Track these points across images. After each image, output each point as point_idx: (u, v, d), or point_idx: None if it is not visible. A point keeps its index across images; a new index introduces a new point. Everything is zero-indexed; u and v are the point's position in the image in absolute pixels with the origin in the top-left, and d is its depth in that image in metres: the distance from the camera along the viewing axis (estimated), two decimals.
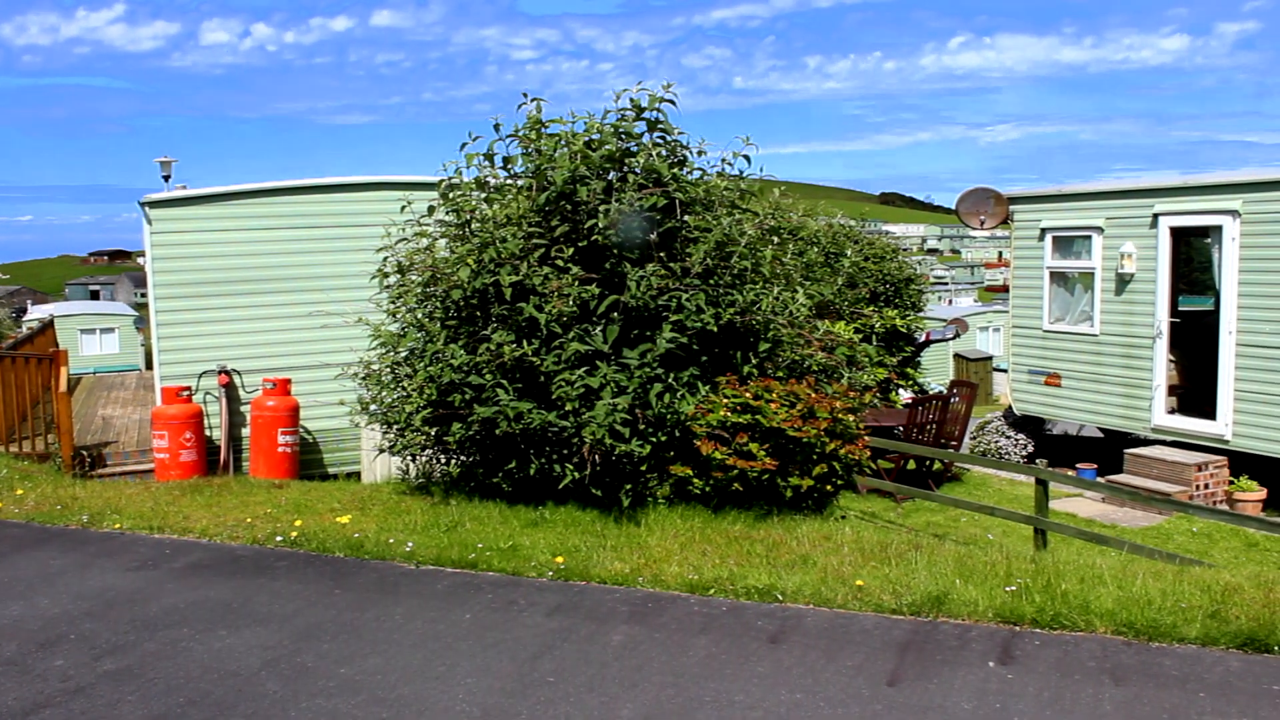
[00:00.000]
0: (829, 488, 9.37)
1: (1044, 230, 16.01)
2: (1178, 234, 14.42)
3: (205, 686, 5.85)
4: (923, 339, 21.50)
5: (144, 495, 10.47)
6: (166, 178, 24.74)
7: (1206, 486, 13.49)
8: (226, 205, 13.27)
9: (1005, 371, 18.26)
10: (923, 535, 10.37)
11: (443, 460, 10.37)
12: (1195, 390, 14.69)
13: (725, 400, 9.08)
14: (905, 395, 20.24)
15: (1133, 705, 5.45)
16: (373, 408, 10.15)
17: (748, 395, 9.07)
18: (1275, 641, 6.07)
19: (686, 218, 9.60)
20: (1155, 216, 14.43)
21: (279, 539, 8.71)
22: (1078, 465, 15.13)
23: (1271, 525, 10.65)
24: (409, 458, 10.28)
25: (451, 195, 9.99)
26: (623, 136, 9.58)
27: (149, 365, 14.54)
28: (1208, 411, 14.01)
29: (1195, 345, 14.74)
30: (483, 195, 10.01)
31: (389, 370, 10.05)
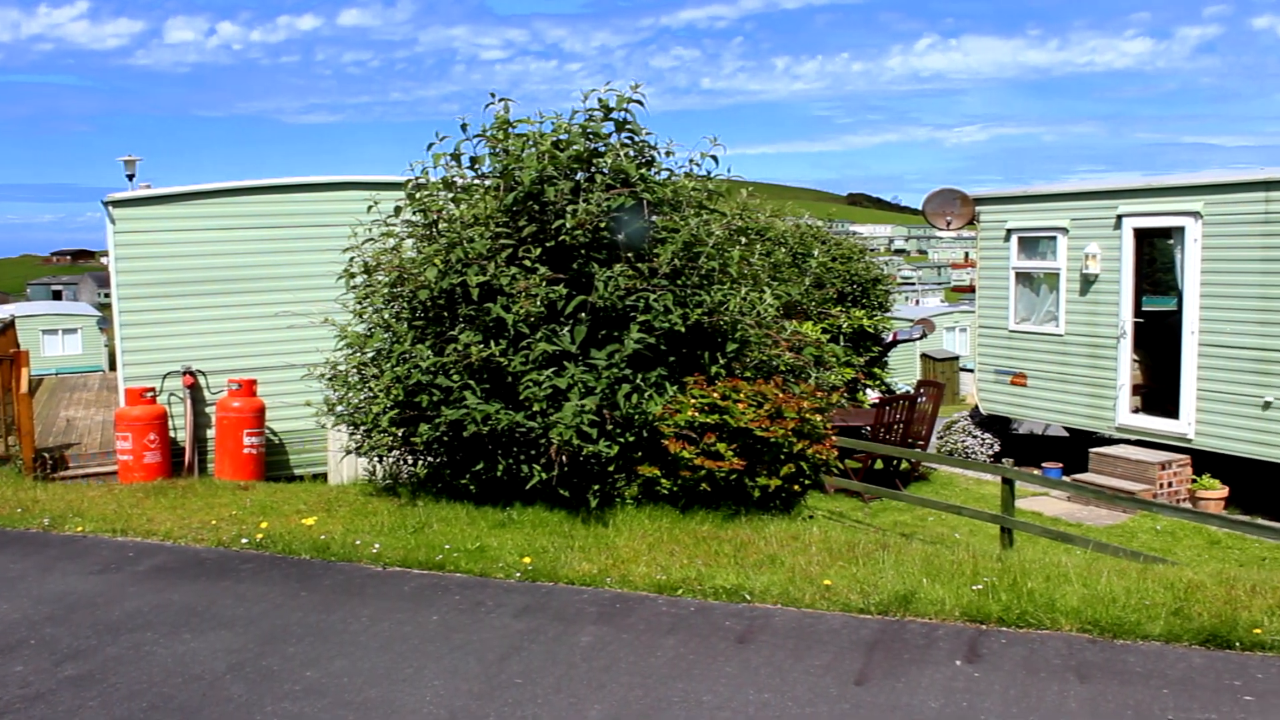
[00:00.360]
0: (796, 487, 9.39)
1: (1009, 231, 16.11)
2: (1141, 235, 14.54)
3: (169, 691, 5.79)
4: (890, 339, 21.58)
5: (107, 498, 10.37)
6: (130, 177, 24.53)
7: (1170, 485, 13.61)
8: (191, 205, 13.15)
9: (972, 371, 18.37)
10: (890, 535, 10.40)
11: (410, 461, 10.32)
12: (1159, 390, 14.81)
13: (693, 400, 9.08)
14: (873, 395, 20.32)
15: (1097, 702, 5.49)
16: (339, 409, 10.09)
17: (715, 395, 9.08)
18: (1237, 638, 6.13)
19: (654, 218, 9.60)
20: (1119, 218, 14.54)
21: (244, 541, 8.65)
22: (1044, 464, 15.22)
23: (1233, 523, 10.76)
24: (376, 459, 10.22)
25: (418, 195, 9.95)
26: (590, 137, 9.57)
27: (112, 366, 14.42)
28: (1171, 411, 14.13)
29: (1159, 345, 14.87)
30: (450, 195, 9.97)
31: (356, 371, 9.99)
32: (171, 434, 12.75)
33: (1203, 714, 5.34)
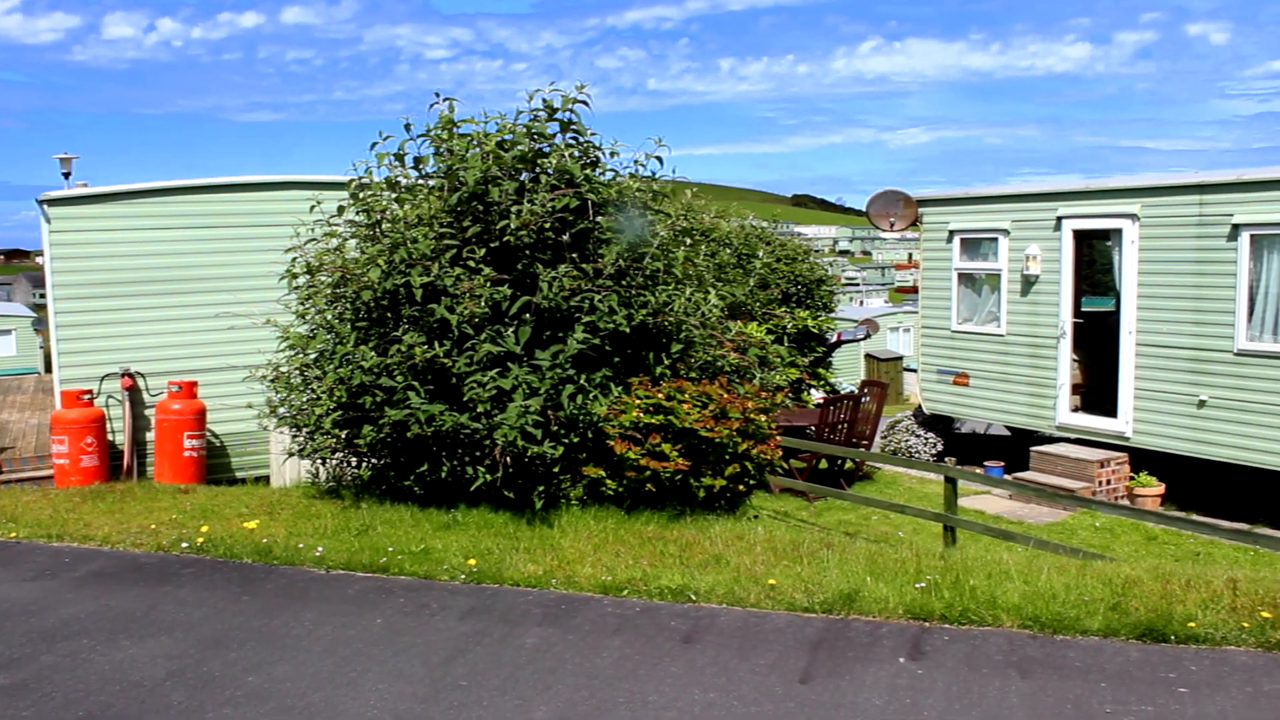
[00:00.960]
0: (741, 487, 9.42)
1: (952, 232, 16.28)
2: (1080, 236, 14.76)
3: (106, 699, 5.70)
4: (834, 339, 21.72)
5: (42, 503, 10.18)
6: (67, 175, 24.10)
7: (1109, 482, 13.82)
8: (130, 204, 12.96)
9: (915, 371, 18.53)
10: (835, 534, 10.48)
11: (354, 463, 10.24)
12: (1098, 389, 15.04)
13: (638, 401, 9.09)
14: (817, 395, 20.42)
15: (1038, 697, 5.56)
16: (281, 410, 9.99)
17: (660, 396, 9.09)
18: (1172, 631, 6.24)
19: (599, 219, 9.60)
20: (1059, 219, 14.75)
21: (185, 545, 8.53)
22: (986, 463, 15.39)
23: (1169, 519, 10.95)
24: (319, 461, 10.13)
25: (362, 195, 9.87)
26: (535, 137, 9.55)
27: (48, 368, 14.14)
28: (1109, 409, 14.36)
29: (1098, 345, 15.10)
30: (394, 195, 9.90)
31: (298, 372, 9.90)
32: (110, 437, 12.56)
33: (1139, 706, 5.43)
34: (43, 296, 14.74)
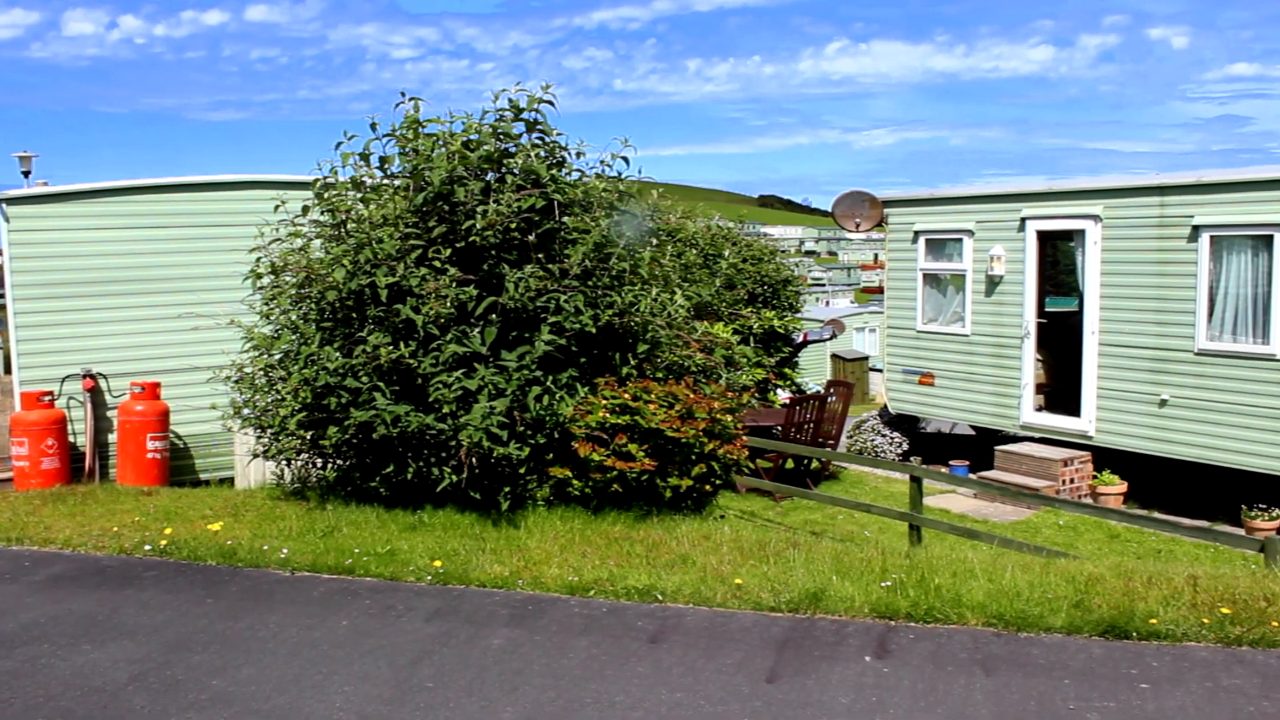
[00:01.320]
0: (708, 487, 9.43)
1: (917, 233, 16.37)
2: (1044, 237, 14.88)
3: (67, 704, 5.64)
4: (800, 340, 21.79)
5: (1, 505, 10.06)
6: (26, 173, 23.87)
7: (1072, 481, 13.94)
8: (92, 203, 12.82)
9: (881, 371, 18.61)
10: (801, 533, 10.52)
11: (319, 464, 10.19)
12: (1061, 388, 15.17)
13: (604, 402, 9.08)
14: (783, 395, 20.48)
15: (1002, 694, 5.60)
16: (246, 411, 9.92)
17: (626, 396, 9.09)
18: (1134, 628, 6.30)
19: (565, 219, 9.59)
20: (1023, 220, 14.86)
21: (148, 548, 8.46)
22: (951, 462, 15.49)
23: (1132, 517, 11.07)
24: (284, 462, 10.07)
25: (326, 195, 9.82)
26: (501, 137, 9.53)
27: (7, 369, 14.01)
28: (1073, 409, 14.48)
29: (1061, 345, 15.23)
30: (359, 195, 9.85)
31: (262, 373, 9.84)
32: (71, 439, 12.42)
33: (1102, 703, 5.48)
34: (1, 297, 14.55)
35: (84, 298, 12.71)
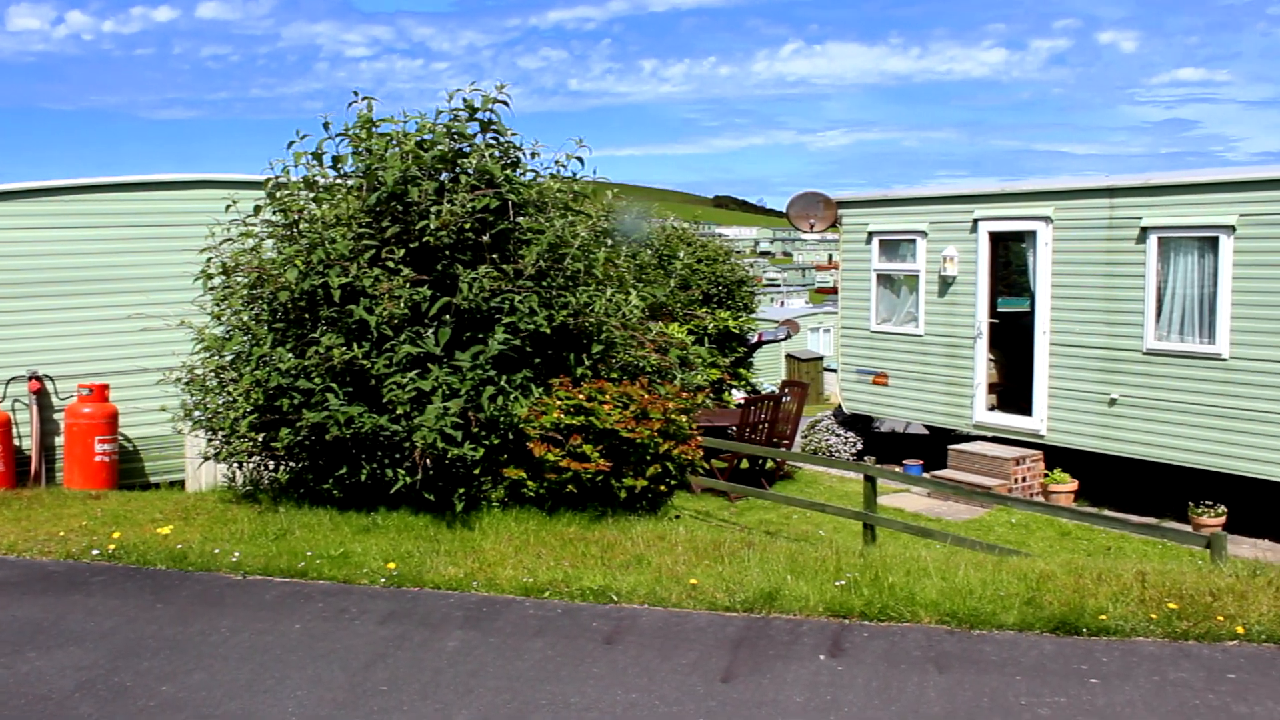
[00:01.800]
0: (663, 488, 9.44)
1: (871, 234, 16.47)
2: (996, 238, 15.01)
3: (10, 713, 5.54)
4: (755, 340, 21.87)
5: None
6: None
7: (1024, 480, 14.08)
8: (38, 202, 12.63)
9: (835, 371, 18.71)
10: (756, 533, 10.55)
11: (271, 467, 10.09)
12: (1013, 388, 15.31)
13: (559, 402, 9.07)
14: (738, 395, 20.56)
15: (955, 691, 5.64)
16: (197, 414, 9.81)
17: (581, 397, 9.08)
18: (1084, 624, 6.38)
19: (519, 219, 9.56)
20: (975, 221, 14.99)
21: (95, 552, 8.34)
22: (905, 461, 15.59)
23: (1082, 515, 11.20)
24: (235, 465, 9.97)
25: (279, 195, 9.74)
26: (455, 137, 9.49)
27: None
28: (1024, 408, 14.62)
29: (1013, 345, 15.37)
30: (311, 195, 9.78)
31: (214, 375, 9.74)
32: (16, 442, 12.23)
33: (1053, 698, 5.54)
34: None
35: (30, 298, 12.52)
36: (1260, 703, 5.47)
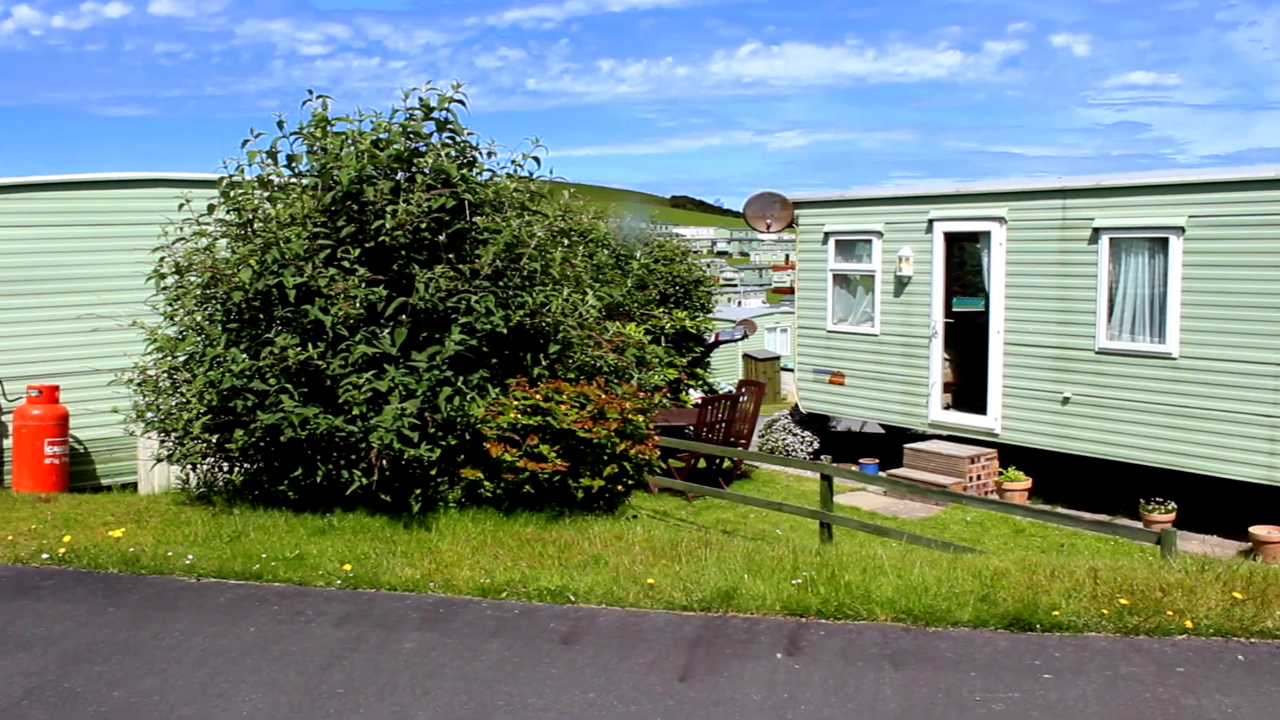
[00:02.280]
0: (620, 488, 9.44)
1: (827, 234, 16.55)
2: (951, 239, 15.13)
3: None
4: (712, 340, 21.92)
5: None
6: None
7: (979, 478, 14.21)
8: None
9: (792, 371, 18.80)
10: (713, 532, 10.58)
11: (225, 468, 10.00)
12: (968, 387, 15.45)
13: (515, 402, 9.05)
14: (695, 395, 20.60)
15: (911, 687, 5.69)
16: (149, 415, 9.70)
17: (538, 397, 9.07)
18: (1038, 620, 6.44)
19: (476, 219, 9.54)
20: (930, 222, 15.10)
21: (45, 556, 8.23)
22: (861, 460, 15.68)
23: (1036, 512, 11.32)
24: (189, 467, 9.87)
25: (233, 194, 9.65)
26: (411, 136, 9.45)
27: None
28: (979, 407, 14.75)
29: (968, 344, 15.50)
30: (266, 194, 9.70)
31: (166, 375, 9.64)
32: None
33: (1007, 693, 5.59)
34: None
35: None
36: (1208, 695, 5.56)
